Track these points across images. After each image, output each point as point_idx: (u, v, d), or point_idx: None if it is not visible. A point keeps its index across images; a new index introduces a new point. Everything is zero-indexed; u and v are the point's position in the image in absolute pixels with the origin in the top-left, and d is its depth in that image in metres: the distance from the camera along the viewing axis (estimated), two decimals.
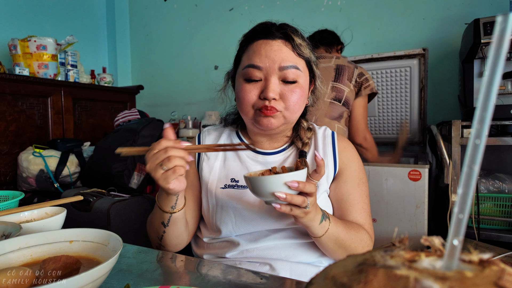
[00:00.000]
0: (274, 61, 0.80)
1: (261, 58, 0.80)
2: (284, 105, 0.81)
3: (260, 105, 0.80)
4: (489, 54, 0.19)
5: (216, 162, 0.92)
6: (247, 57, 0.83)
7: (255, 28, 0.86)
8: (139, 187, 2.00)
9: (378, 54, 2.17)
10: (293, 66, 0.81)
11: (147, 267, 0.58)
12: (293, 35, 0.82)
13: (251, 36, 0.85)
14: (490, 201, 1.57)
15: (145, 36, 3.31)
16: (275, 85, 0.80)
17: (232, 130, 0.98)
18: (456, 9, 2.05)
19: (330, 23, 2.38)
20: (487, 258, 0.20)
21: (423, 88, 2.07)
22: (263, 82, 0.81)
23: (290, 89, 0.80)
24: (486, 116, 0.19)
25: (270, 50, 0.80)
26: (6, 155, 2.20)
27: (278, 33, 0.82)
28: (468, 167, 0.20)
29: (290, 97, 0.80)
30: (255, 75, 0.81)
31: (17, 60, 2.35)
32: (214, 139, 0.97)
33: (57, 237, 0.53)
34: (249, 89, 0.81)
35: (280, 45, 0.81)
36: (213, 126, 1.02)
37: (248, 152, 0.92)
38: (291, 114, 0.82)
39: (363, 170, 0.93)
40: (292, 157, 0.90)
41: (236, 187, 0.88)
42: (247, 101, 0.81)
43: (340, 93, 1.56)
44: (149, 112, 2.93)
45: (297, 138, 0.91)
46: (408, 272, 0.19)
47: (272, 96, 0.79)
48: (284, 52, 0.81)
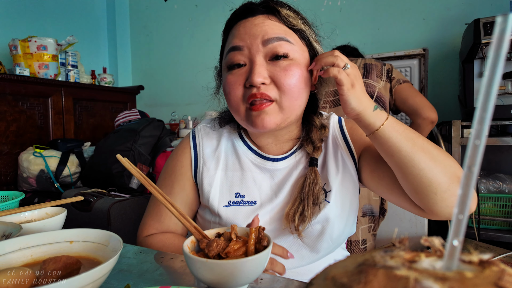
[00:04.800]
0: (255, 36, 0.66)
1: (240, 36, 0.67)
2: (278, 90, 0.65)
3: (248, 95, 0.65)
4: (489, 54, 0.19)
5: (217, 173, 0.78)
6: (227, 44, 0.71)
7: (234, 11, 0.74)
8: (140, 187, 2.00)
9: (378, 54, 2.17)
10: (280, 37, 0.66)
11: (148, 267, 0.58)
12: (278, 6, 0.69)
13: (231, 20, 0.73)
14: (490, 201, 1.57)
15: (145, 36, 3.31)
16: (261, 66, 0.65)
17: (232, 132, 0.82)
18: (456, 9, 2.05)
19: (330, 23, 2.38)
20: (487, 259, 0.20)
21: (423, 88, 2.07)
22: (248, 66, 0.67)
23: (283, 68, 0.65)
24: (486, 116, 0.19)
25: (250, 26, 0.67)
26: (7, 155, 2.20)
27: (260, 8, 0.69)
28: (468, 168, 0.20)
29: (284, 78, 0.64)
30: (237, 59, 0.67)
31: (17, 61, 2.35)
32: (212, 143, 0.81)
33: (58, 237, 0.53)
34: (233, 80, 0.67)
35: (262, 19, 0.68)
36: (209, 123, 0.85)
37: (254, 157, 0.78)
38: (290, 102, 0.66)
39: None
40: (302, 164, 0.77)
41: (242, 204, 0.75)
42: (234, 96, 0.67)
43: (371, 88, 1.51)
44: (149, 112, 2.94)
45: (308, 140, 0.76)
46: (408, 273, 0.19)
47: (260, 81, 0.64)
48: (267, 24, 0.67)
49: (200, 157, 0.79)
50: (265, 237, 0.50)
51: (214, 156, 0.79)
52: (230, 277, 0.43)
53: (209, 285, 0.46)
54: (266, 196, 0.77)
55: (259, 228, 0.51)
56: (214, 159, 0.79)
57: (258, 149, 0.78)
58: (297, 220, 0.70)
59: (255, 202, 0.76)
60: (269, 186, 0.77)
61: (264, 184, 0.77)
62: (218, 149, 0.80)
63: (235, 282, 0.44)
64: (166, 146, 2.14)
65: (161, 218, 0.80)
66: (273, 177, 0.77)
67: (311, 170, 0.73)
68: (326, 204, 0.74)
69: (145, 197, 1.87)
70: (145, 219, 0.83)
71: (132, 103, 3.11)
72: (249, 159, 0.78)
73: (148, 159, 2.06)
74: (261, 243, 0.49)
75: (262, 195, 0.76)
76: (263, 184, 0.77)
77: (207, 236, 0.52)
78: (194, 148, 0.81)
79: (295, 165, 0.77)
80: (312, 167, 0.73)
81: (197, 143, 0.81)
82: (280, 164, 0.77)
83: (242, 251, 0.49)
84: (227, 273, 0.43)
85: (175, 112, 3.05)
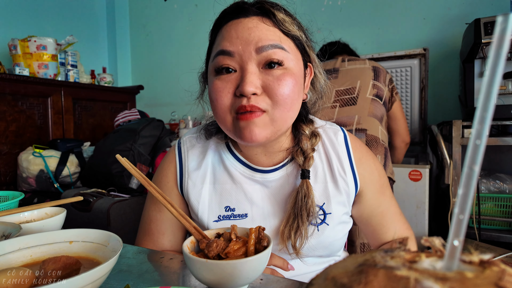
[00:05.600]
0: (248, 42, 0.60)
1: (231, 40, 0.61)
2: (270, 101, 0.61)
3: (237, 105, 0.60)
4: (490, 53, 0.19)
5: (204, 186, 0.74)
6: (216, 46, 0.65)
7: (224, 10, 0.68)
8: (139, 187, 2.00)
9: (378, 54, 2.17)
10: (275, 45, 0.61)
11: (147, 268, 0.58)
12: (273, 9, 0.64)
13: (221, 19, 0.67)
14: (490, 202, 1.57)
15: (145, 36, 3.31)
16: (253, 74, 0.60)
17: (219, 142, 0.76)
18: (457, 9, 2.05)
19: (330, 23, 2.38)
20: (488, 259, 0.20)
21: (424, 88, 2.07)
22: (238, 73, 0.62)
23: (276, 77, 0.60)
24: (486, 116, 0.19)
25: (242, 29, 0.61)
26: (6, 155, 2.20)
27: (253, 9, 0.64)
28: (469, 168, 0.20)
29: (277, 88, 0.60)
30: (227, 63, 0.62)
31: (17, 60, 2.35)
32: (198, 156, 0.76)
33: (57, 237, 0.53)
34: (221, 87, 0.62)
35: (256, 22, 0.62)
36: (194, 134, 0.80)
37: (243, 169, 0.73)
38: (282, 113, 0.61)
39: (383, 171, 0.78)
40: (293, 178, 0.73)
41: (233, 217, 0.72)
42: (221, 104, 0.62)
43: (380, 91, 1.52)
44: (149, 112, 2.94)
45: (298, 151, 0.71)
46: (409, 273, 0.19)
47: (251, 91, 0.59)
48: (261, 29, 0.61)
49: (185, 171, 0.76)
50: (265, 237, 0.50)
51: (200, 169, 0.75)
52: (230, 278, 0.43)
53: (209, 285, 0.46)
54: (257, 208, 0.73)
55: (259, 228, 0.51)
56: (200, 172, 0.75)
57: (247, 160, 0.73)
58: (293, 238, 0.67)
59: (246, 215, 0.73)
60: (260, 198, 0.73)
61: (255, 195, 0.73)
62: (204, 162, 0.75)
63: (235, 283, 0.44)
64: (166, 146, 2.14)
65: (153, 237, 0.77)
66: (264, 188, 0.73)
67: (303, 183, 0.68)
68: (325, 227, 0.72)
69: (144, 197, 1.87)
70: (138, 240, 0.80)
71: (131, 103, 3.11)
72: (237, 170, 0.73)
73: (148, 159, 2.06)
74: (261, 243, 0.49)
75: (253, 208, 0.73)
76: (254, 195, 0.73)
77: (207, 236, 0.52)
78: (180, 161, 0.77)
79: (287, 178, 0.73)
80: (304, 179, 0.69)
81: (183, 156, 0.77)
82: (270, 176, 0.72)
83: (242, 251, 0.49)
84: (226, 274, 0.43)
85: (175, 112, 3.05)
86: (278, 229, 0.72)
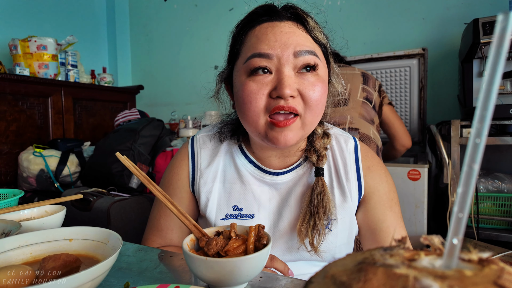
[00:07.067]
0: (286, 46, 0.62)
1: (269, 43, 0.62)
2: (304, 104, 0.62)
3: (273, 106, 0.61)
4: (490, 52, 0.19)
5: (215, 185, 0.76)
6: (250, 47, 0.65)
7: (255, 11, 0.68)
8: (139, 186, 2.00)
9: (377, 54, 2.17)
10: (310, 51, 0.63)
11: (147, 266, 0.58)
12: (306, 15, 0.66)
13: (252, 21, 0.67)
14: (489, 201, 1.57)
15: (145, 36, 3.31)
16: (290, 78, 0.61)
17: (231, 145, 0.78)
18: (456, 9, 2.05)
19: (330, 23, 2.38)
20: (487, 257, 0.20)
21: (423, 88, 2.07)
22: (274, 75, 0.62)
23: (311, 83, 0.63)
24: (486, 115, 0.19)
25: (280, 33, 0.63)
26: (7, 155, 2.20)
27: (287, 13, 0.66)
28: (468, 166, 0.20)
29: (312, 94, 0.62)
30: (264, 65, 0.62)
31: (17, 60, 2.35)
32: (210, 155, 0.78)
33: (57, 235, 0.53)
34: (256, 88, 0.62)
35: (292, 27, 0.64)
36: (207, 132, 0.81)
37: (253, 170, 0.75)
38: (312, 117, 0.64)
39: (394, 188, 0.77)
40: (306, 177, 0.73)
41: (240, 217, 0.73)
42: (255, 106, 0.62)
43: (370, 94, 1.55)
44: (149, 112, 2.93)
45: (311, 150, 0.73)
46: (408, 271, 0.19)
47: (289, 93, 0.60)
48: (298, 34, 0.63)
49: (198, 169, 0.77)
50: (264, 235, 0.50)
51: (211, 167, 0.77)
52: (229, 275, 0.43)
53: (208, 283, 0.46)
54: (264, 210, 0.74)
55: (259, 226, 0.51)
56: (211, 171, 0.76)
57: (258, 162, 0.75)
58: (310, 235, 0.68)
59: (253, 216, 0.73)
60: (268, 200, 0.74)
61: (263, 197, 0.74)
62: (216, 160, 0.77)
63: (234, 280, 0.44)
64: (166, 146, 2.14)
65: (162, 233, 0.78)
66: (273, 190, 0.74)
67: (318, 181, 0.69)
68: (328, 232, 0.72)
69: (144, 197, 1.87)
70: (146, 235, 0.80)
71: (131, 103, 3.11)
72: (248, 171, 0.75)
73: (148, 159, 2.06)
74: (260, 241, 0.49)
75: (260, 209, 0.74)
76: (262, 197, 0.74)
77: (207, 234, 0.52)
78: (192, 158, 0.79)
79: (298, 179, 0.74)
80: (318, 177, 0.70)
81: (195, 153, 0.79)
82: (280, 178, 0.74)
83: (241, 249, 0.49)
84: (226, 271, 0.43)
85: (175, 112, 3.05)
86: (284, 230, 0.73)
